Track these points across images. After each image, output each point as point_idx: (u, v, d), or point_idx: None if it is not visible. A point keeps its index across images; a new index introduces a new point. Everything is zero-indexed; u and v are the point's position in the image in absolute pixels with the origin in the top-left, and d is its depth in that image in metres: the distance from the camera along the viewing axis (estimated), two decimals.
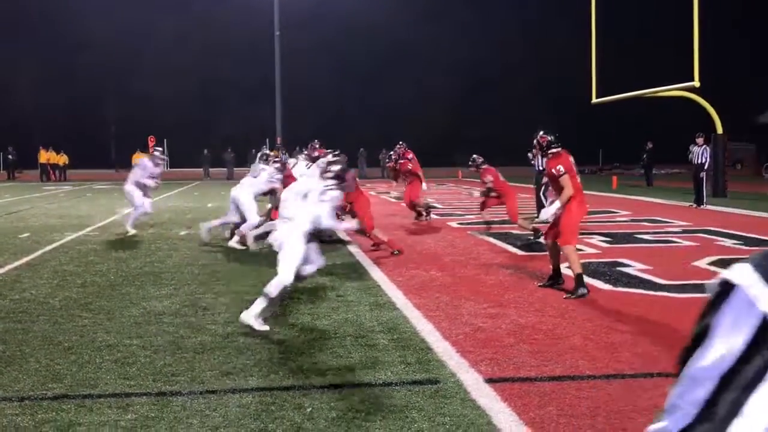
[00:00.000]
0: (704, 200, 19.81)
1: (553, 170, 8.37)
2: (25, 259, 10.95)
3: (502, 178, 13.52)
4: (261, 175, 12.53)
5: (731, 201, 21.83)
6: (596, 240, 12.77)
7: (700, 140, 20.55)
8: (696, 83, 22.13)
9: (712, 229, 14.31)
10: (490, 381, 5.09)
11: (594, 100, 28.58)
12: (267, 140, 47.98)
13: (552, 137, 8.66)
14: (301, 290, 8.40)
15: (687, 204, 20.22)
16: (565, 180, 8.22)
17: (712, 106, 24.80)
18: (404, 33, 64.88)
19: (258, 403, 4.69)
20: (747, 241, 12.50)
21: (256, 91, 56.75)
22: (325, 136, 15.03)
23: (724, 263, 10.11)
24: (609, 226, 15.08)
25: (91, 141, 61.69)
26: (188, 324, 6.79)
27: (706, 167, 20.28)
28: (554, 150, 8.59)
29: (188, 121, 59.60)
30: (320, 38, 62.59)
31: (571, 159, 8.52)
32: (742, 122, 49.21)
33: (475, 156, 13.86)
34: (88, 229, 15.17)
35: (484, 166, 13.61)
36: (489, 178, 13.47)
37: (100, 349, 5.97)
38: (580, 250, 11.62)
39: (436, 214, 17.51)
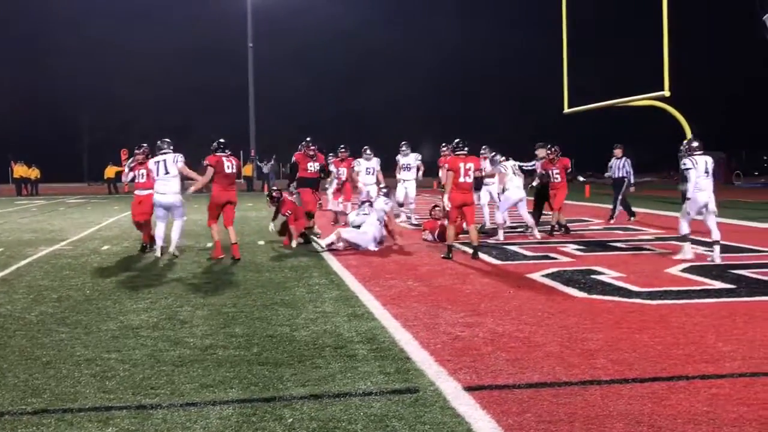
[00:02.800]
0: (616, 213, 18.23)
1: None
2: None
3: None
4: None
5: None
6: (570, 248, 12.90)
7: (618, 152, 18.63)
8: (666, 92, 22.38)
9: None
10: (469, 389, 5.15)
11: (566, 110, 28.82)
12: (241, 152, 47.86)
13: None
14: (279, 302, 8.42)
15: (662, 214, 20.41)
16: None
17: (683, 114, 25.11)
18: (377, 39, 65.18)
19: (239, 415, 4.71)
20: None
21: (230, 100, 56.66)
22: (297, 143, 15.06)
23: (697, 270, 10.27)
24: (583, 235, 15.24)
25: (63, 155, 61.26)
26: (166, 337, 6.79)
27: (632, 181, 18.47)
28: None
29: (162, 132, 59.36)
30: (292, 47, 62.72)
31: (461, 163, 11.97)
32: (713, 131, 49.75)
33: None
34: (62, 243, 15.07)
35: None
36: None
37: (78, 363, 5.95)
38: (555, 258, 11.77)
39: (412, 225, 17.57)
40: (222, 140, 12.61)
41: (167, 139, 12.87)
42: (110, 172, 42.38)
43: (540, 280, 9.73)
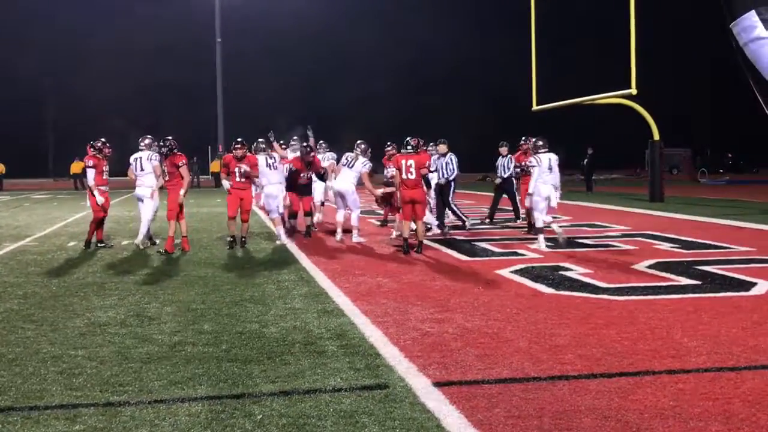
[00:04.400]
0: (521, 214, 16.83)
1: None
2: None
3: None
4: None
5: (668, 205, 22.39)
6: (538, 245, 12.98)
7: (503, 150, 17.18)
8: (633, 90, 22.63)
9: (650, 233, 14.67)
10: (438, 384, 5.17)
11: (534, 107, 29.02)
12: (209, 148, 47.54)
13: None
14: (248, 299, 8.39)
15: (626, 208, 20.60)
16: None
17: (649, 112, 25.42)
18: (346, 37, 65.13)
19: (208, 411, 4.69)
20: (684, 244, 12.85)
21: (198, 95, 56.26)
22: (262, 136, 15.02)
23: (663, 266, 10.39)
24: (550, 231, 15.33)
25: (28, 149, 60.47)
26: (134, 334, 6.73)
27: (515, 178, 16.97)
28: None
29: (129, 128, 58.83)
30: (262, 43, 62.45)
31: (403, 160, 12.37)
32: (678, 128, 50.41)
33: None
34: (28, 239, 14.88)
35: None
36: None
37: (44, 360, 5.89)
38: (523, 254, 11.86)
39: (380, 221, 17.56)
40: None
41: (149, 136, 13.30)
42: (76, 167, 41.92)
43: (509, 276, 9.79)
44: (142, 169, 12.98)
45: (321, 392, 5.04)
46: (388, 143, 16.27)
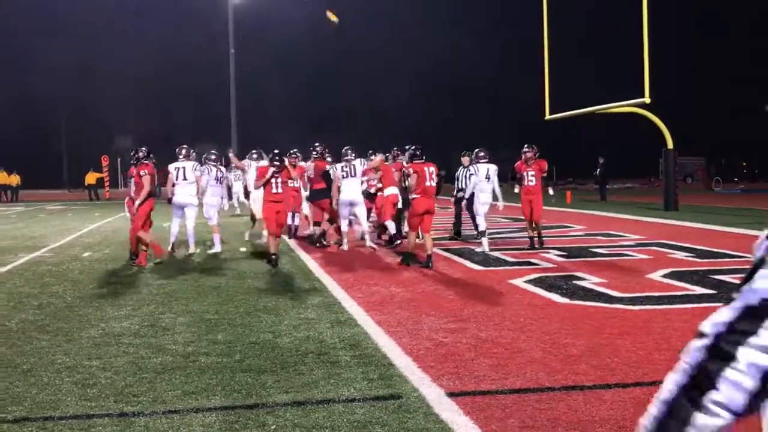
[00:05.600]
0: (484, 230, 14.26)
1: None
2: None
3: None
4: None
5: (683, 214, 22.28)
6: (552, 254, 12.95)
7: (465, 160, 15.80)
8: (647, 99, 22.58)
9: (665, 242, 14.59)
10: (452, 395, 5.15)
11: (547, 116, 28.99)
12: (222, 158, 47.60)
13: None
14: (261, 309, 8.40)
15: (632, 216, 20.51)
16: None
17: (662, 120, 25.33)
18: (357, 41, 65.32)
19: (221, 422, 4.69)
20: (699, 253, 12.78)
21: (210, 101, 56.49)
22: (280, 145, 15.04)
23: (677, 275, 10.34)
24: (564, 241, 15.30)
25: (43, 161, 60.87)
26: (148, 344, 6.76)
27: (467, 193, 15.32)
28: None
29: (144, 138, 59.14)
30: (274, 49, 62.73)
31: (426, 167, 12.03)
32: (693, 136, 50.22)
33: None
34: (43, 250, 14.96)
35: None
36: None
37: (59, 371, 5.91)
38: (536, 264, 11.83)
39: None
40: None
41: (185, 146, 14.05)
42: (91, 178, 42.18)
43: (522, 286, 9.76)
44: (185, 179, 13.53)
45: (334, 402, 5.04)
46: (371, 151, 15.93)
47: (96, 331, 7.38)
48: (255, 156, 17.34)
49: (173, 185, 13.62)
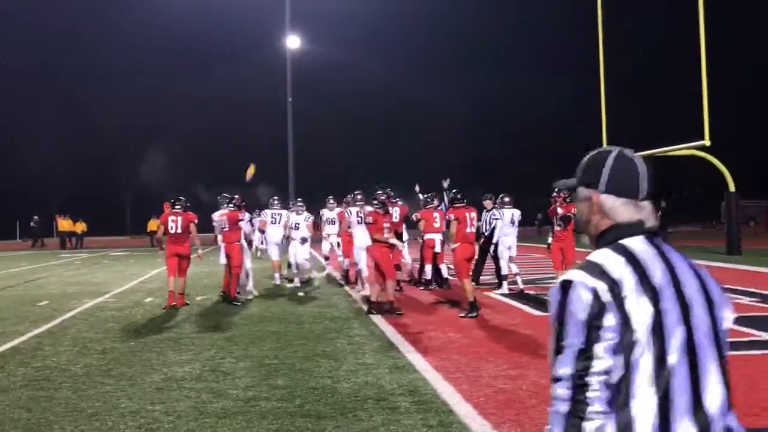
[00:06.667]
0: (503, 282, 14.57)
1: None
2: (45, 327, 11.04)
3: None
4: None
5: (746, 258, 21.76)
6: None
7: (488, 203, 14.96)
8: (706, 142, 22.25)
9: (728, 286, 14.24)
10: None
11: None
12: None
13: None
14: (320, 354, 8.43)
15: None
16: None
17: (724, 163, 24.88)
18: (413, 89, 65.89)
19: None
20: (764, 297, 12.46)
21: (268, 151, 57.30)
22: (335, 191, 15.21)
23: (744, 321, 10.08)
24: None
25: (106, 208, 62.27)
26: (210, 389, 6.83)
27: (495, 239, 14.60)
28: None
29: (206, 186, 60.12)
30: (328, 97, 63.63)
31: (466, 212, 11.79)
32: (755, 178, 49.20)
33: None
34: (106, 295, 15.27)
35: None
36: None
37: (123, 415, 6.01)
38: None
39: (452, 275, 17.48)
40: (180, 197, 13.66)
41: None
42: (153, 225, 42.96)
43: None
44: (296, 228, 16.10)
45: None
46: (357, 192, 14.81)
47: (158, 375, 7.49)
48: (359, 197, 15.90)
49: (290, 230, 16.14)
